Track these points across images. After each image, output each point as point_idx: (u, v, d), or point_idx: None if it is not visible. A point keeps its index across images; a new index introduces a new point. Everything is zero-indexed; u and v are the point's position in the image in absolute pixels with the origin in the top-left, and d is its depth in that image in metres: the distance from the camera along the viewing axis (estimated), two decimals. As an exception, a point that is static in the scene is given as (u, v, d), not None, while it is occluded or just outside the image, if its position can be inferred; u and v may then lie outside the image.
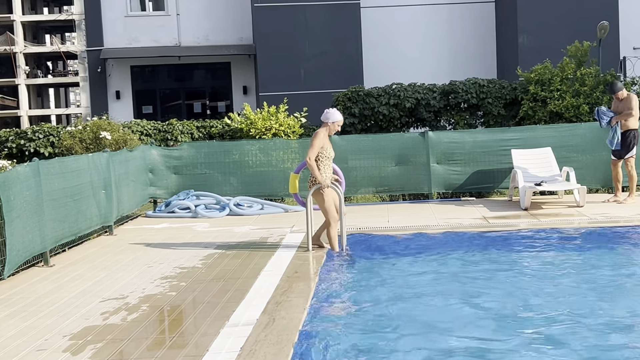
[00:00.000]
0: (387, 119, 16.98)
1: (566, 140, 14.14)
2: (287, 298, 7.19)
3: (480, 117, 17.25)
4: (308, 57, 25.37)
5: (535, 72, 16.80)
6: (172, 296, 7.46)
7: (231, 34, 27.08)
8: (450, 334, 6.09)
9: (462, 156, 14.33)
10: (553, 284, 7.70)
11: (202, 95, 28.24)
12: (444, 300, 7.15)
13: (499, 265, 8.67)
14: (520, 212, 12.18)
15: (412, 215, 12.27)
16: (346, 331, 6.25)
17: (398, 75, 21.49)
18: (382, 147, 14.42)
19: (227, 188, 14.34)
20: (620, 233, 10.33)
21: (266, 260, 9.03)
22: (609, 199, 12.98)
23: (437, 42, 27.07)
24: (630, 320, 6.34)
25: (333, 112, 9.47)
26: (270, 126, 15.37)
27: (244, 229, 11.61)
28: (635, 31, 26.11)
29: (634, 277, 7.98)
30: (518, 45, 24.82)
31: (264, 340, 5.90)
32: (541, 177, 12.99)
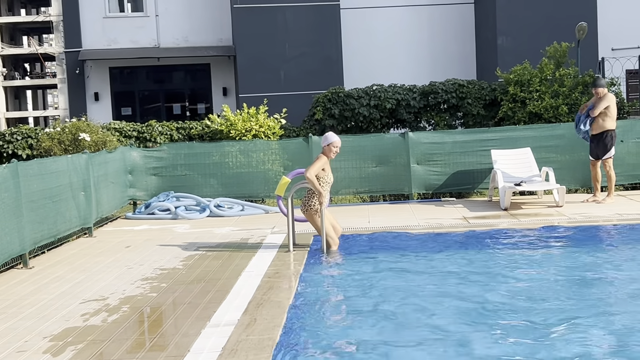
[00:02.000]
0: (368, 120, 17.00)
1: (545, 140, 14.22)
2: (268, 298, 7.17)
3: (460, 117, 17.31)
4: (288, 58, 25.37)
5: (515, 73, 16.89)
6: (153, 297, 7.42)
7: (211, 35, 27.03)
8: (434, 332, 6.11)
9: (442, 157, 14.37)
10: (532, 283, 7.73)
11: (182, 96, 28.17)
12: (428, 299, 7.15)
13: (479, 264, 8.71)
14: (500, 212, 12.23)
15: (393, 216, 12.29)
16: (328, 331, 6.25)
17: (378, 77, 21.57)
18: (363, 148, 14.43)
19: (208, 189, 14.29)
20: (599, 232, 10.41)
21: (247, 261, 9.00)
22: (587, 198, 13.05)
23: (417, 43, 27.16)
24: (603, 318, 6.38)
25: (328, 135, 9.62)
26: (250, 127, 15.33)
27: (225, 230, 11.58)
28: (614, 32, 26.34)
29: (611, 276, 8.03)
30: (497, 46, 24.96)
31: (245, 340, 5.88)
32: (520, 178, 13.04)
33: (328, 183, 9.52)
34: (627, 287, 7.49)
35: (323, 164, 9.46)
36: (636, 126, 14.37)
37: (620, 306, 6.78)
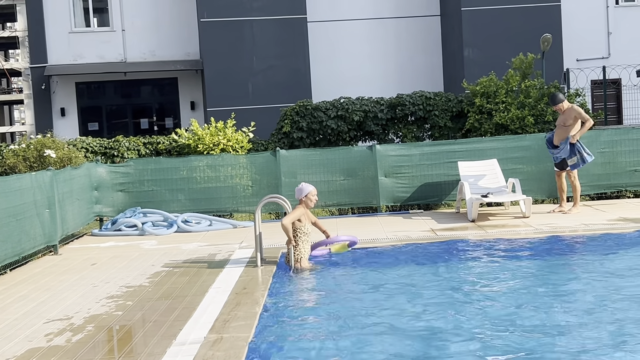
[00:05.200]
0: (336, 132, 17.02)
1: (512, 151, 14.32)
2: (235, 315, 7.12)
3: (427, 129, 17.39)
4: (256, 71, 25.35)
5: (481, 85, 17.02)
6: (118, 316, 7.33)
7: (178, 49, 26.94)
8: (402, 344, 6.09)
9: (409, 169, 14.41)
10: (496, 295, 7.76)
11: (149, 111, 28.01)
12: (397, 313, 7.14)
13: (444, 276, 8.72)
14: (467, 224, 12.28)
15: (361, 229, 12.28)
16: (295, 346, 6.21)
17: (346, 89, 21.62)
18: (331, 161, 14.43)
19: (175, 205, 14.21)
20: (565, 243, 10.48)
21: (214, 277, 8.94)
22: (554, 209, 13.15)
23: (384, 56, 27.28)
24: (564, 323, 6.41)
25: (302, 186, 9.65)
26: (218, 142, 15.28)
27: (192, 246, 11.51)
28: (578, 43, 26.64)
29: (578, 286, 8.08)
30: (464, 58, 25.14)
31: (211, 358, 5.83)
32: (487, 189, 13.11)
33: (305, 233, 9.51)
34: (592, 296, 7.53)
35: (300, 214, 9.49)
36: (601, 136, 14.52)
37: (581, 317, 6.81)
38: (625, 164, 14.38)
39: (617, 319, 6.63)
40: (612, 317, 6.70)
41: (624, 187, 14.49)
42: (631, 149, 14.41)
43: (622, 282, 8.08)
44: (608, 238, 10.51)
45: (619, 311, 6.88)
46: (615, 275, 8.40)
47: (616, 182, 14.44)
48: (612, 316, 6.74)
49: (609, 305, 7.11)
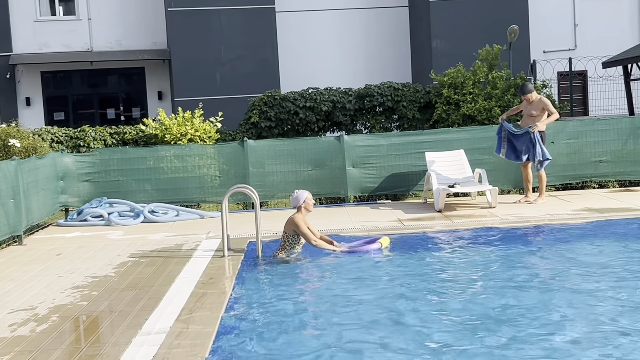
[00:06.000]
0: (304, 122, 17.01)
1: (478, 142, 14.40)
2: (201, 305, 7.10)
3: (395, 120, 17.44)
4: (224, 61, 25.25)
5: (449, 76, 17.10)
6: (84, 306, 7.28)
7: (145, 39, 26.74)
8: (365, 336, 6.12)
9: (377, 159, 14.44)
10: (461, 286, 7.82)
11: (116, 100, 27.79)
12: (362, 303, 7.16)
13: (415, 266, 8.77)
14: (434, 214, 12.34)
15: (329, 219, 12.29)
16: (261, 336, 6.20)
17: (314, 80, 21.61)
18: (299, 152, 14.42)
19: (142, 195, 14.11)
20: (530, 233, 10.58)
21: (181, 267, 8.90)
22: (520, 199, 13.26)
23: (353, 46, 27.31)
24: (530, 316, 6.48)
25: (298, 194, 9.57)
26: (185, 132, 15.20)
27: (159, 236, 11.44)
28: (545, 35, 26.86)
29: (541, 276, 8.17)
30: (432, 49, 25.23)
31: (177, 348, 5.81)
32: (454, 179, 13.18)
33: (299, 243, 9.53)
34: (556, 285, 7.62)
35: (305, 223, 9.45)
36: (567, 127, 14.66)
37: (546, 304, 6.88)
38: (590, 155, 14.53)
39: (573, 304, 6.73)
40: (570, 304, 6.80)
41: (589, 178, 14.64)
42: (596, 139, 14.56)
43: (583, 269, 8.18)
44: (571, 228, 10.63)
45: (576, 298, 6.98)
46: (579, 263, 8.50)
47: (581, 173, 14.59)
48: (571, 303, 6.84)
49: (572, 295, 7.20)
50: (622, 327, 6.06)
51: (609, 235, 10.08)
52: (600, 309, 6.65)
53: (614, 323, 6.18)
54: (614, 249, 9.28)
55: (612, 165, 14.54)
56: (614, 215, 11.34)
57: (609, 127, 14.66)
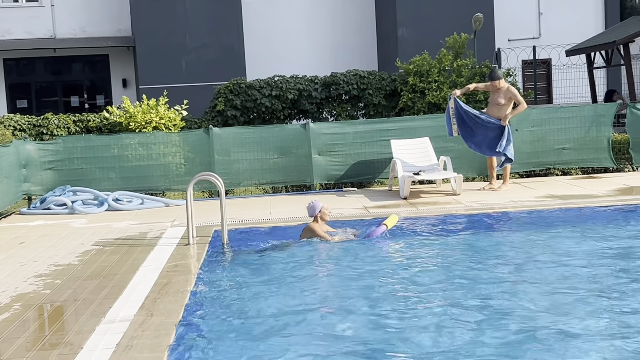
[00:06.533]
0: (270, 111, 16.99)
1: (443, 130, 14.39)
2: (166, 293, 7.07)
3: (361, 108, 17.48)
4: (189, 49, 25.08)
5: (414, 64, 17.15)
6: (46, 294, 7.22)
7: (109, 26, 26.45)
8: (329, 326, 6.14)
9: (343, 147, 14.46)
10: (424, 272, 7.88)
11: (80, 88, 27.49)
12: (325, 291, 7.18)
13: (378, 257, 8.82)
14: (399, 201, 12.39)
15: (295, 207, 12.29)
16: (225, 324, 6.20)
17: (280, 67, 21.57)
18: (264, 139, 14.39)
19: (107, 183, 14.01)
20: (494, 219, 10.68)
21: (145, 255, 8.86)
22: (484, 186, 13.36)
23: (319, 34, 27.27)
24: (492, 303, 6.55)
25: (314, 204, 9.51)
26: (150, 119, 15.10)
27: (123, 224, 11.37)
28: (510, 23, 27.03)
29: (506, 262, 8.26)
30: (398, 37, 25.27)
31: (141, 335, 5.78)
32: (419, 167, 13.24)
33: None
34: (519, 271, 7.71)
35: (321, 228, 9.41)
36: (530, 115, 14.78)
37: (510, 289, 6.96)
38: (554, 142, 14.68)
39: (538, 288, 6.81)
40: (535, 287, 6.88)
41: (552, 165, 14.79)
42: (559, 127, 14.70)
43: (545, 255, 8.28)
44: (535, 214, 10.75)
45: (541, 281, 7.07)
46: (541, 249, 8.61)
47: (545, 160, 14.73)
48: (535, 286, 6.93)
49: (534, 277, 7.30)
50: (583, 309, 6.16)
51: (571, 221, 10.21)
52: (559, 292, 6.75)
53: (572, 306, 6.28)
54: (575, 234, 9.39)
55: (574, 153, 14.70)
56: (576, 202, 11.47)
57: (572, 114, 14.81)
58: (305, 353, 5.45)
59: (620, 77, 25.78)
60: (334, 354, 5.42)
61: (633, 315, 6.03)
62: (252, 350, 5.58)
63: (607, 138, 14.71)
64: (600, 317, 5.99)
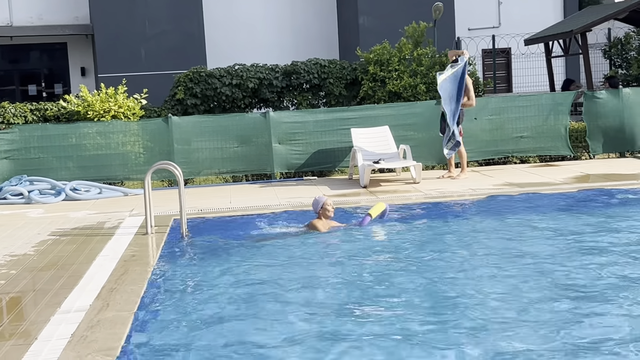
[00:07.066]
0: (230, 99, 16.91)
1: (403, 118, 14.54)
2: (123, 282, 7.02)
3: (322, 97, 17.46)
4: (148, 37, 24.81)
5: (375, 53, 17.16)
6: (1, 285, 7.12)
7: (67, 13, 26.07)
8: (290, 316, 6.14)
9: (303, 136, 14.45)
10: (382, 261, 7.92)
11: (38, 77, 27.09)
12: (283, 282, 7.17)
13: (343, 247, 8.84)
14: (360, 190, 12.42)
15: (255, 196, 12.28)
16: (182, 314, 6.17)
17: (241, 56, 21.42)
18: (224, 128, 14.33)
19: (64, 172, 13.86)
20: (452, 207, 10.77)
21: (103, 245, 8.79)
22: (443, 175, 13.45)
23: (279, 22, 27.15)
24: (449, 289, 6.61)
25: (317, 199, 9.44)
26: (108, 108, 14.94)
27: (81, 214, 11.25)
28: (470, 13, 27.12)
29: (461, 248, 8.33)
30: (359, 26, 25.25)
31: (97, 325, 5.74)
32: (379, 155, 13.28)
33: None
34: (473, 258, 7.78)
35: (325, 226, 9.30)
36: (489, 104, 14.91)
37: (466, 277, 7.02)
38: (512, 131, 14.81)
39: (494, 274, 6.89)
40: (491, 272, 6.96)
41: (510, 153, 14.93)
42: (517, 115, 14.84)
43: (502, 241, 8.37)
44: (493, 201, 10.86)
45: (495, 266, 7.14)
46: (497, 235, 8.70)
47: (503, 149, 14.86)
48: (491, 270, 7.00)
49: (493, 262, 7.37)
50: (537, 294, 6.24)
51: (528, 208, 10.33)
52: (515, 278, 6.83)
53: (524, 292, 6.36)
54: (532, 221, 9.50)
55: (532, 141, 14.85)
56: (533, 189, 11.60)
57: (530, 103, 14.96)
58: (262, 339, 5.44)
59: (579, 66, 26.06)
60: (291, 340, 5.43)
61: (579, 298, 6.13)
62: (207, 338, 5.56)
63: (565, 126, 14.88)
64: (545, 302, 6.08)
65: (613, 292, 6.26)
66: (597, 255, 7.57)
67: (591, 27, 18.78)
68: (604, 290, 6.35)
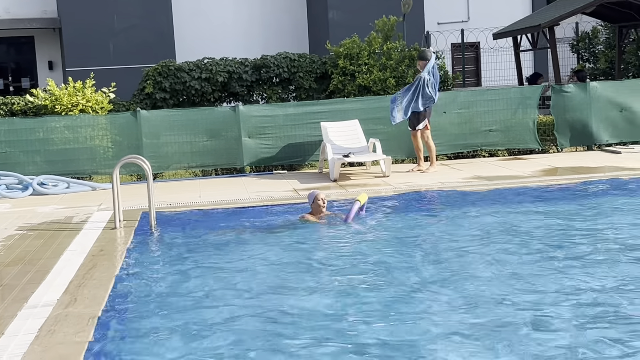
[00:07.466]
0: (200, 93, 16.85)
1: (373, 112, 14.55)
2: (90, 277, 6.99)
3: (292, 91, 17.46)
4: (117, 30, 24.63)
5: (344, 47, 17.18)
6: (-33, 281, 7.06)
7: (34, 7, 25.78)
8: (252, 305, 6.15)
9: (273, 130, 14.43)
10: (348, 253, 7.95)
11: (5, 71, 26.79)
12: (250, 275, 7.18)
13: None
14: (329, 184, 12.43)
15: (224, 190, 12.25)
16: (150, 308, 6.15)
17: (211, 50, 21.32)
18: (193, 122, 14.27)
19: (31, 167, 13.73)
20: (421, 200, 10.83)
21: (71, 240, 8.73)
22: (412, 168, 13.51)
23: (249, 16, 27.07)
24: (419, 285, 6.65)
25: (309, 194, 9.60)
26: (76, 102, 14.81)
27: (48, 209, 11.16)
28: (439, 7, 27.21)
29: (429, 241, 8.39)
30: (328, 20, 25.25)
31: (64, 320, 5.71)
32: (349, 149, 13.30)
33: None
34: (445, 251, 7.84)
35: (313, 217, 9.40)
36: (458, 97, 14.99)
37: (432, 268, 7.07)
38: (481, 124, 14.89)
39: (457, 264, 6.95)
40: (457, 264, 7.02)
41: (479, 147, 15.01)
42: (486, 109, 14.92)
43: (469, 234, 8.44)
44: (462, 194, 10.94)
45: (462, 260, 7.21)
46: (465, 228, 8.77)
47: (472, 142, 14.94)
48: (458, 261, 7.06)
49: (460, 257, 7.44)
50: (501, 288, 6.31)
51: (497, 201, 10.42)
52: (480, 271, 6.89)
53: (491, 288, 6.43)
54: (500, 213, 9.58)
55: (501, 135, 14.95)
56: (502, 182, 11.69)
57: (499, 97, 15.06)
58: (230, 337, 5.45)
59: (547, 60, 26.26)
60: (261, 333, 5.44)
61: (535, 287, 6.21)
62: (176, 332, 5.55)
63: (533, 120, 15.00)
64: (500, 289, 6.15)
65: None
66: (544, 246, 7.75)
67: (559, 21, 18.90)
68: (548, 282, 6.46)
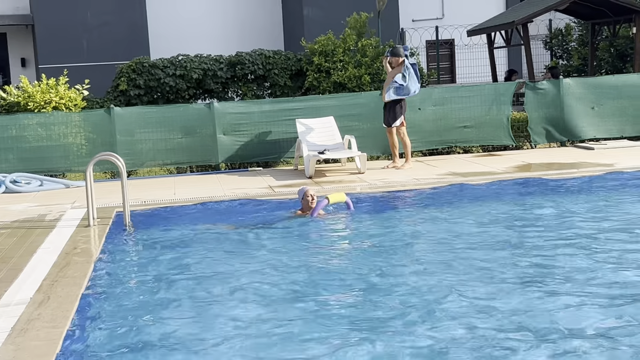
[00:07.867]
0: (174, 90, 16.79)
1: (348, 109, 14.56)
2: (64, 275, 6.94)
3: (267, 88, 17.45)
4: (90, 27, 24.42)
5: (319, 44, 17.19)
6: (-62, 280, 6.98)
7: (6, 3, 25.50)
8: (230, 304, 6.15)
9: (248, 127, 14.39)
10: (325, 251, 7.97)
11: (-24, 68, 26.50)
12: (229, 271, 7.17)
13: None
14: (305, 181, 12.42)
15: (199, 187, 12.21)
16: (124, 307, 6.12)
17: (185, 47, 21.24)
18: (168, 119, 14.20)
19: (4, 165, 13.60)
20: (396, 196, 10.87)
21: (44, 238, 8.66)
22: (388, 165, 13.54)
23: (224, 13, 26.94)
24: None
25: (300, 190, 9.64)
26: (50, 99, 14.69)
27: (21, 207, 11.06)
28: (414, 4, 27.25)
29: (405, 238, 8.41)
30: (303, 16, 25.21)
31: (37, 318, 5.67)
32: (324, 146, 13.31)
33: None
34: (417, 247, 7.87)
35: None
36: (433, 94, 15.03)
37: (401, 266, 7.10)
38: (455, 121, 14.95)
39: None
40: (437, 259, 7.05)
41: (454, 143, 15.07)
42: (461, 106, 14.98)
43: (446, 230, 8.48)
44: (435, 191, 10.99)
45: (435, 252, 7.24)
46: (441, 224, 8.81)
47: (447, 139, 15.00)
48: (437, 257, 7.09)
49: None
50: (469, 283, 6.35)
51: (472, 197, 10.48)
52: (454, 266, 6.93)
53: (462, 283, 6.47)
54: (476, 209, 9.64)
55: (475, 131, 15.02)
56: (476, 178, 11.75)
57: (473, 94, 15.13)
58: (205, 335, 5.44)
59: (521, 56, 26.39)
60: (235, 330, 5.43)
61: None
62: (151, 331, 5.53)
63: (507, 116, 15.08)
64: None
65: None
66: (524, 241, 7.80)
67: (532, 18, 19.02)
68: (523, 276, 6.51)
